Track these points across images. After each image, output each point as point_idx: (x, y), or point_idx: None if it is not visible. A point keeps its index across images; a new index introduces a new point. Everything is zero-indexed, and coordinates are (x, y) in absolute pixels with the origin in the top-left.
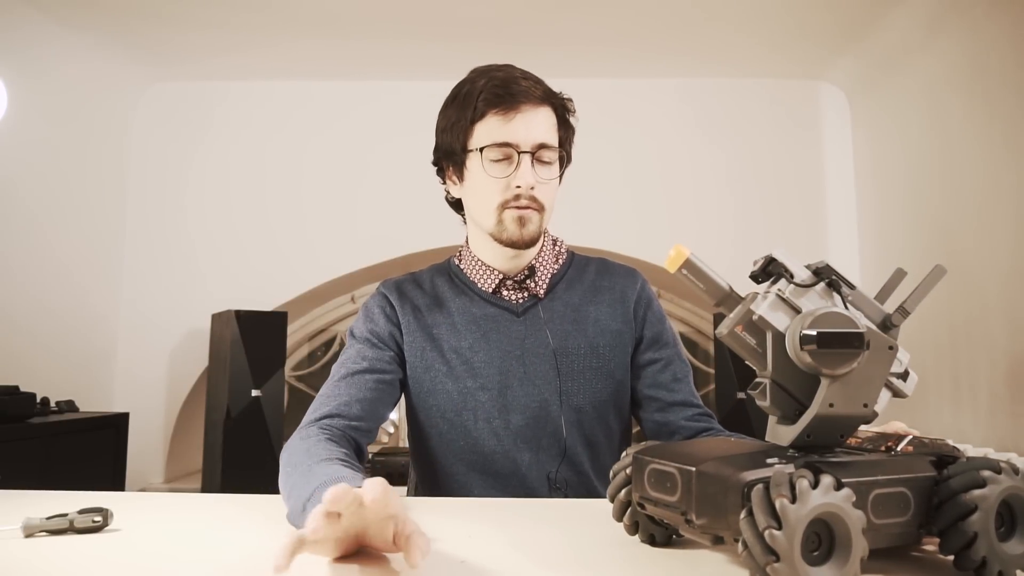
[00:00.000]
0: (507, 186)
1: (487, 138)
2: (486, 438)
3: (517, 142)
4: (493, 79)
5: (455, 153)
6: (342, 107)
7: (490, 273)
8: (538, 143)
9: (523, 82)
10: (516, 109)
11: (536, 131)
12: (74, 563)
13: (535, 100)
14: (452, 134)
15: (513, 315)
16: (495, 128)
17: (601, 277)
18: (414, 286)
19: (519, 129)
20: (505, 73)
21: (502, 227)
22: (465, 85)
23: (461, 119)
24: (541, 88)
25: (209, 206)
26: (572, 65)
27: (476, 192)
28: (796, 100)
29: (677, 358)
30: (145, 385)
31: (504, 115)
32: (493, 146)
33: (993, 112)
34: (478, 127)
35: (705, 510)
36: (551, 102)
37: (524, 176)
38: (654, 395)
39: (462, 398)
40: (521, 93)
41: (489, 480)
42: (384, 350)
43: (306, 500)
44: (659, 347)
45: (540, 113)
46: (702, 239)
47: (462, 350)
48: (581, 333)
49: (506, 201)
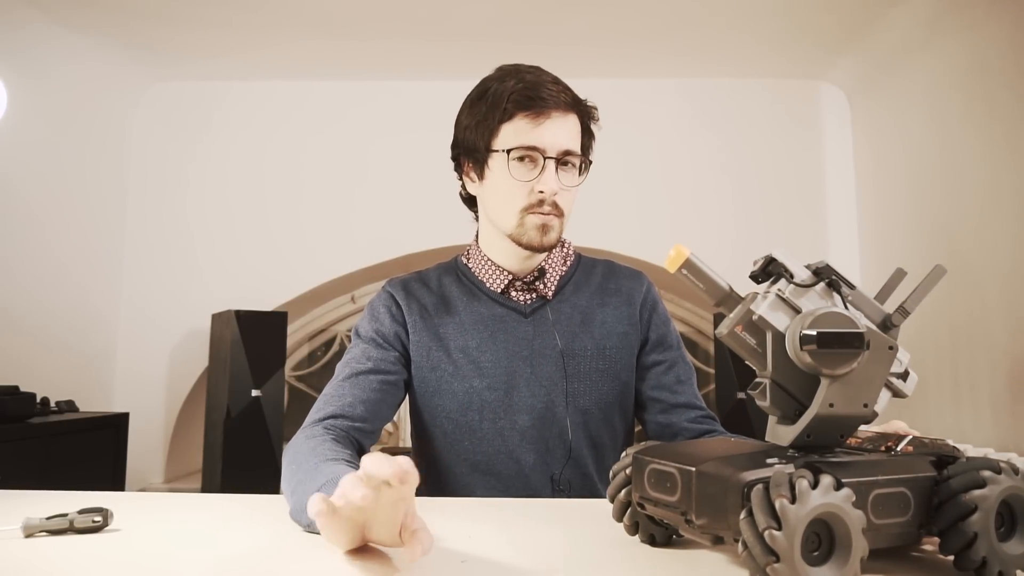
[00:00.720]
0: (531, 190)
1: (514, 140)
2: (491, 438)
3: (544, 147)
4: (523, 81)
5: (477, 151)
6: (342, 107)
7: (499, 273)
8: (564, 149)
9: (552, 87)
10: (545, 114)
11: (563, 137)
12: (74, 563)
13: (564, 107)
14: (477, 132)
15: (521, 316)
16: (523, 131)
17: (608, 279)
18: (420, 285)
19: (546, 134)
20: (535, 76)
21: (523, 231)
22: (492, 83)
23: (488, 118)
24: (569, 95)
25: (209, 206)
26: (573, 65)
27: (498, 193)
28: (796, 100)
29: (681, 360)
30: (145, 385)
31: (533, 119)
32: (520, 148)
33: (993, 112)
34: (505, 128)
35: (705, 510)
36: (577, 109)
37: (548, 182)
38: (657, 396)
39: (468, 398)
40: (551, 98)
41: (492, 480)
42: (389, 350)
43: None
44: (663, 349)
45: (568, 120)
46: (702, 239)
47: (469, 349)
48: (588, 335)
49: (529, 205)
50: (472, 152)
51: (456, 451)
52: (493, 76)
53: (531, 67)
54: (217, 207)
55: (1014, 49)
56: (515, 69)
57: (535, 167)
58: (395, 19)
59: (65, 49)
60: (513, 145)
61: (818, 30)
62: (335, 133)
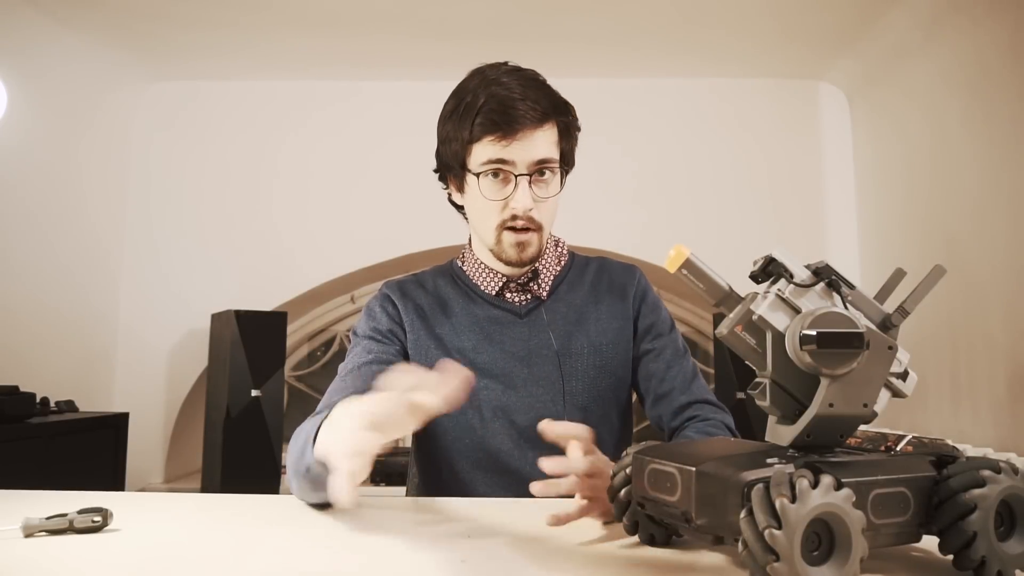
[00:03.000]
0: (504, 206)
1: (483, 158)
2: (490, 437)
3: (514, 161)
4: (492, 98)
5: (454, 168)
6: (341, 107)
7: (493, 276)
8: (536, 160)
9: (521, 105)
10: (512, 136)
11: (534, 152)
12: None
13: (535, 121)
14: (451, 149)
15: (516, 317)
16: (491, 151)
17: (601, 277)
18: (417, 286)
19: (516, 152)
20: (505, 92)
21: (501, 248)
22: (464, 96)
23: (458, 137)
24: (541, 107)
25: (209, 206)
26: (572, 65)
27: (475, 211)
28: (796, 100)
29: (671, 345)
30: (145, 385)
31: (500, 140)
32: (488, 165)
33: (993, 112)
34: (475, 148)
35: (705, 510)
36: (552, 118)
37: (521, 200)
38: (647, 386)
39: (467, 397)
40: (519, 118)
41: (492, 479)
42: (389, 344)
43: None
44: (653, 337)
45: (539, 133)
46: (702, 239)
47: (466, 351)
48: (583, 334)
49: (504, 222)
50: (450, 168)
51: (455, 451)
52: (464, 86)
53: (503, 77)
54: (217, 207)
55: (1013, 50)
56: (484, 81)
57: (507, 184)
58: (396, 19)
59: (65, 49)
60: (482, 164)
61: (818, 30)
62: (335, 133)
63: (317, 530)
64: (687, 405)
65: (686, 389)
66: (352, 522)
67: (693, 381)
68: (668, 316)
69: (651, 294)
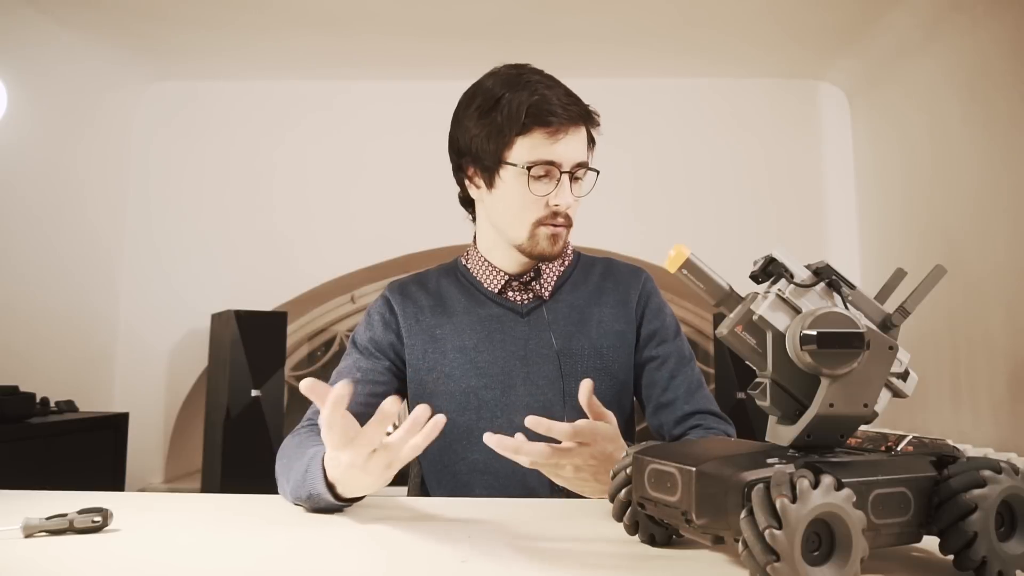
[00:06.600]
0: (546, 204)
1: (531, 155)
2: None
3: (561, 161)
4: (538, 93)
5: (488, 160)
6: (341, 107)
7: (496, 274)
8: (577, 162)
9: (566, 99)
10: (563, 129)
11: (576, 151)
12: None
13: (576, 120)
14: (488, 142)
15: (518, 316)
16: (540, 146)
17: (606, 278)
18: (419, 287)
19: (562, 149)
20: (548, 88)
21: (534, 242)
22: (504, 91)
23: (504, 130)
24: (579, 107)
25: (209, 205)
26: (572, 64)
27: (510, 206)
28: (796, 100)
29: (676, 353)
30: (145, 385)
31: (551, 135)
32: (539, 165)
33: (993, 112)
34: (521, 141)
35: (705, 510)
36: (585, 122)
37: (565, 196)
38: (649, 394)
39: (465, 397)
40: (565, 113)
41: (491, 479)
42: (380, 360)
43: (303, 471)
44: (657, 344)
45: (580, 133)
46: (702, 239)
47: (466, 349)
48: (584, 335)
49: (543, 218)
50: (480, 161)
51: (455, 450)
52: (500, 81)
53: (538, 74)
54: (217, 207)
55: (1014, 50)
56: (522, 79)
57: (551, 181)
58: (396, 19)
59: (65, 49)
60: (531, 160)
61: (818, 30)
62: (335, 132)
63: (317, 530)
64: (690, 415)
65: (690, 399)
66: (352, 522)
67: (698, 391)
68: (674, 321)
69: (656, 298)
